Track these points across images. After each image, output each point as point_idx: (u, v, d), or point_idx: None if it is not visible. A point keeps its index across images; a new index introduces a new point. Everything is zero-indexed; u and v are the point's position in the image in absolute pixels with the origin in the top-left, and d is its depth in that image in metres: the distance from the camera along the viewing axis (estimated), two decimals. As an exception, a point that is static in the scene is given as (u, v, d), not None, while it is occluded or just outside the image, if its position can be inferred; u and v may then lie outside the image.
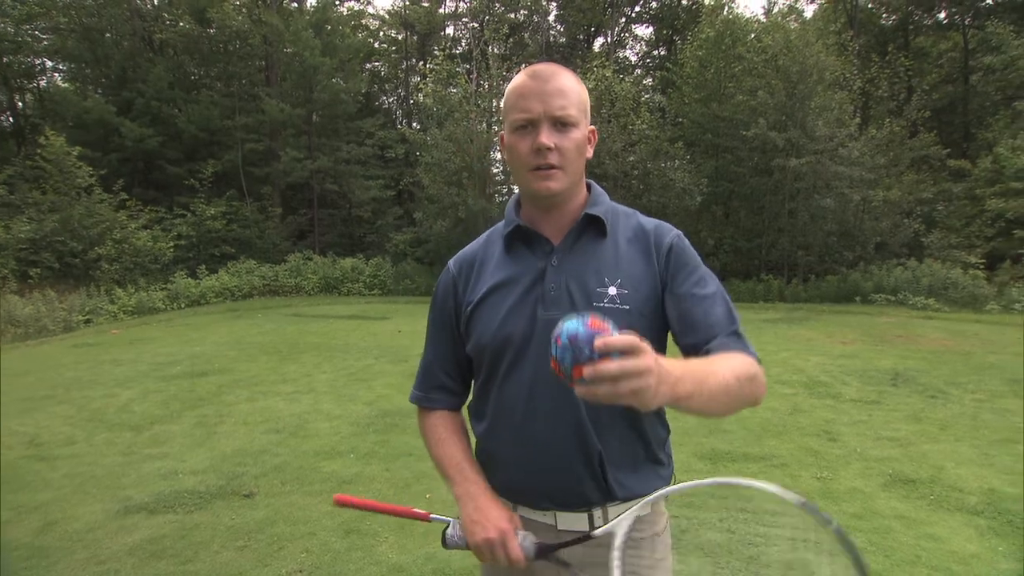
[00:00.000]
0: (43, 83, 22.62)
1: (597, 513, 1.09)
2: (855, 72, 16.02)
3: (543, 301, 1.09)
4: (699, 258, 1.14)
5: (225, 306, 13.62)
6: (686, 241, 1.15)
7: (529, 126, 1.06)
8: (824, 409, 5.21)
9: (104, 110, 17.44)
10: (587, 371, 0.74)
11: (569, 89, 1.08)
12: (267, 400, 5.65)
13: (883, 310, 11.73)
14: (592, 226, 1.14)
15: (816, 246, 14.62)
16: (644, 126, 15.30)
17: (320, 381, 6.40)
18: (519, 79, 1.10)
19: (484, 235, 1.27)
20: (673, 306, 1.09)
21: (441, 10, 26.40)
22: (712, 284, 1.11)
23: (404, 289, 15.98)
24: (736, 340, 1.05)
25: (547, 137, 1.05)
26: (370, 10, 28.54)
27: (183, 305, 13.70)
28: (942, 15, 21.03)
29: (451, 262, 1.25)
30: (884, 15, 22.22)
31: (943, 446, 4.25)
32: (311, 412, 5.27)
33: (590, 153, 1.14)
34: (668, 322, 1.11)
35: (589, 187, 1.20)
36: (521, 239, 1.16)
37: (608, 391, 0.74)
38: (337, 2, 24.43)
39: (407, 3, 25.77)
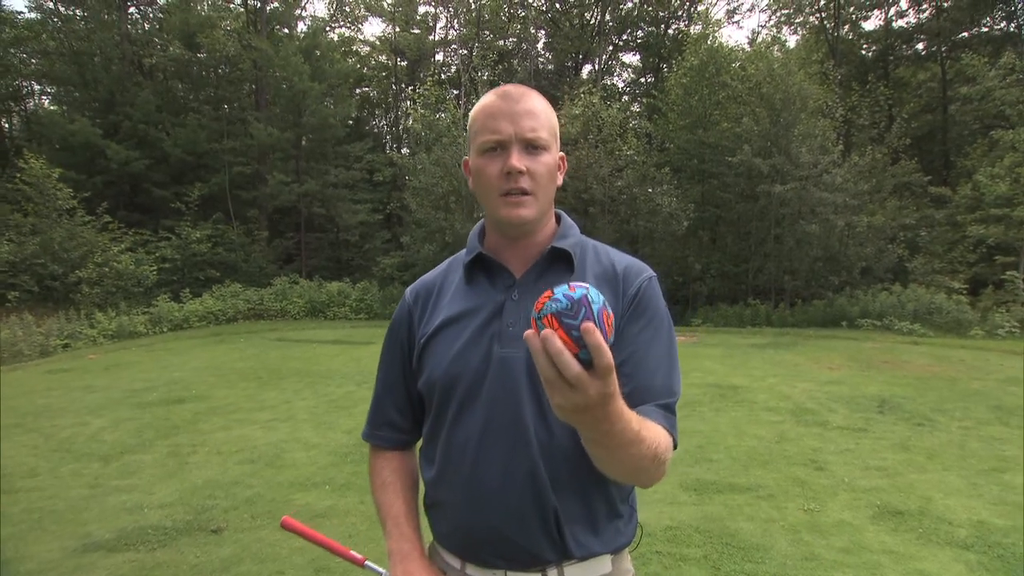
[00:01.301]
0: (31, 105, 22.60)
1: (552, 573, 1.00)
2: (837, 100, 16.32)
3: (500, 338, 1.01)
4: (663, 308, 1.06)
5: (208, 330, 13.41)
6: (656, 286, 1.07)
7: (498, 148, 1.01)
8: (811, 437, 5.14)
9: (90, 132, 17.33)
10: (548, 334, 0.67)
11: (539, 111, 1.02)
12: (243, 428, 5.50)
13: (869, 335, 11.75)
14: (559, 260, 1.06)
15: (802, 271, 14.71)
16: (631, 151, 15.44)
17: (299, 408, 6.25)
18: (487, 99, 1.04)
19: (446, 262, 1.19)
20: (616, 352, 0.99)
21: (431, 37, 26.73)
22: (663, 343, 1.02)
23: (391, 313, 15.59)
24: (665, 416, 0.97)
25: (518, 160, 0.99)
26: (361, 36, 28.74)
27: (165, 329, 13.47)
28: (920, 46, 21.59)
29: (408, 290, 1.17)
30: (864, 46, 22.77)
31: (931, 476, 4.19)
32: (288, 441, 5.12)
33: (560, 180, 1.08)
34: None
35: (559, 218, 1.14)
36: (482, 269, 1.09)
37: (543, 367, 0.68)
38: (327, 28, 24.73)
39: (397, 30, 26.08)
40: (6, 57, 20.93)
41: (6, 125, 22.72)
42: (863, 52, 22.70)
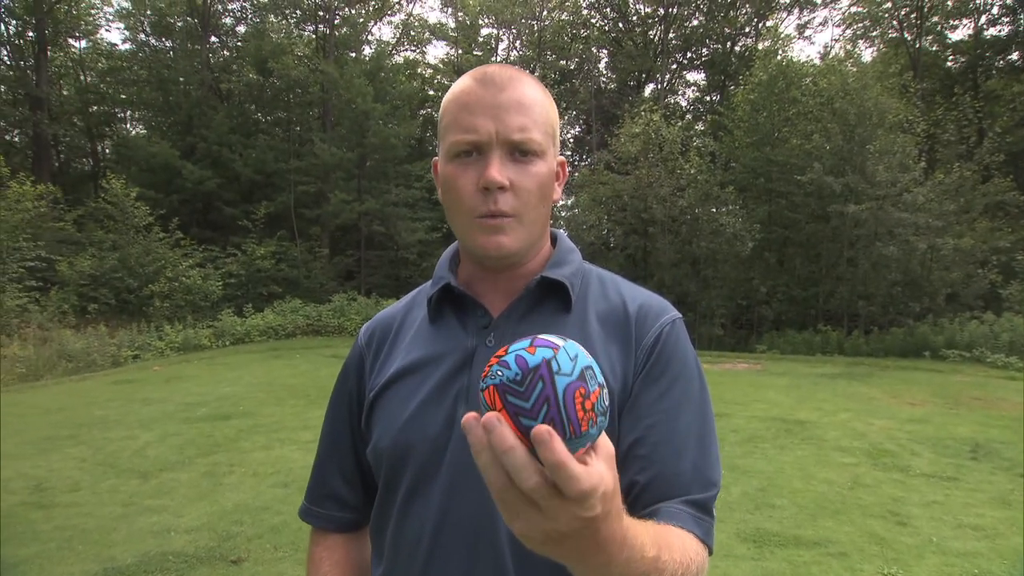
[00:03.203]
0: (124, 130, 24.23)
1: None
2: (918, 115, 15.29)
3: (467, 397, 0.77)
4: (693, 362, 0.79)
5: (267, 345, 13.72)
6: (682, 331, 0.80)
7: (474, 153, 0.75)
8: (891, 484, 4.59)
9: (169, 154, 18.37)
10: (491, 420, 0.41)
11: (532, 103, 0.76)
12: (283, 449, 5.43)
13: (957, 368, 10.73)
14: (551, 295, 0.81)
15: (879, 296, 13.72)
16: (693, 170, 14.95)
17: (342, 429, 6.15)
18: (463, 84, 0.78)
19: (411, 293, 0.96)
20: (629, 427, 0.73)
21: (493, 59, 27.04)
22: (693, 413, 0.76)
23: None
24: (697, 519, 0.69)
25: (499, 171, 0.73)
26: (425, 59, 29.45)
27: (227, 343, 13.88)
28: (1015, 56, 20.07)
29: (363, 328, 0.94)
30: (952, 58, 21.37)
31: (1039, 540, 3.60)
32: (325, 464, 5.00)
33: (558, 193, 0.82)
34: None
35: (555, 239, 0.87)
36: (451, 305, 0.84)
37: (486, 472, 0.42)
38: (392, 51, 25.44)
39: (460, 52, 26.54)
40: (103, 86, 22.69)
41: (100, 148, 24.47)
42: (949, 64, 21.31)
